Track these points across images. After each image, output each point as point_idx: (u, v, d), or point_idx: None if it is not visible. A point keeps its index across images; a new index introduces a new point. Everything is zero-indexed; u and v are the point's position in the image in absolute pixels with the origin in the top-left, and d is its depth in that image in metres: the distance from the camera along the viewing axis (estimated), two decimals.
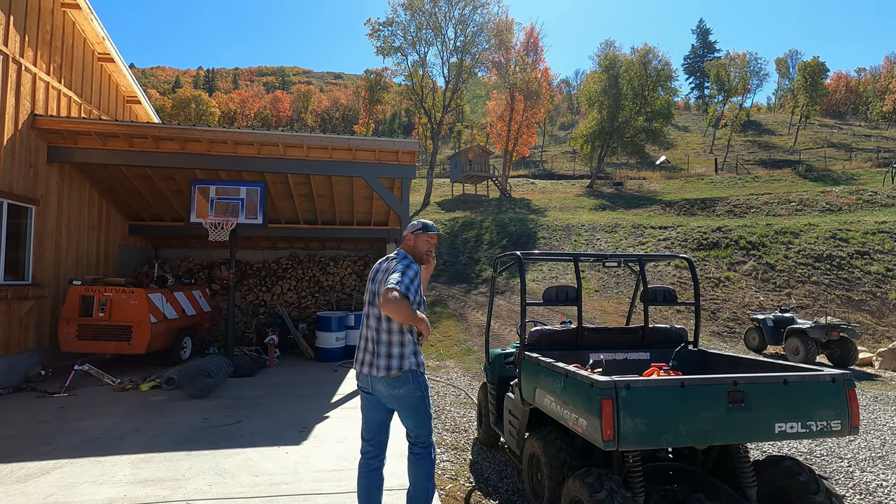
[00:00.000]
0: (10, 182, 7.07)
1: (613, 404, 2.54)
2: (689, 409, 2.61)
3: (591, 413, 2.63)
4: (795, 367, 3.13)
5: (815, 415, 2.73)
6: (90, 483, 3.82)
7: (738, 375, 2.74)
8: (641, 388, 2.60)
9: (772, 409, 2.69)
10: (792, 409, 2.71)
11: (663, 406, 2.59)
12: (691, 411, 2.61)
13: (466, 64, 36.03)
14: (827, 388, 2.80)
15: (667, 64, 36.87)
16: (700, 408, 2.62)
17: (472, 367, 8.84)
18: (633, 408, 2.55)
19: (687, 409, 2.61)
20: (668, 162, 45.61)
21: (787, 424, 2.68)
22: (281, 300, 11.47)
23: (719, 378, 2.73)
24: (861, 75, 77.97)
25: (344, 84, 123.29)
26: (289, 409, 6.00)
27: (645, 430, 2.55)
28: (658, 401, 2.60)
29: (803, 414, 2.72)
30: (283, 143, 8.24)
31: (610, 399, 2.54)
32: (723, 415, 2.62)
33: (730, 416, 2.63)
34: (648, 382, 2.64)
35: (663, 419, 2.58)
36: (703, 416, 2.61)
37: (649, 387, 2.62)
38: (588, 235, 19.69)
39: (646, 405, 2.57)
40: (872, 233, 15.71)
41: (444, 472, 4.29)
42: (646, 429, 2.55)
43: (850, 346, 9.71)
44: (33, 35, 7.53)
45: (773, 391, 2.73)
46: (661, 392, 2.62)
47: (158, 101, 69.64)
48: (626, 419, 2.52)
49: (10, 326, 7.09)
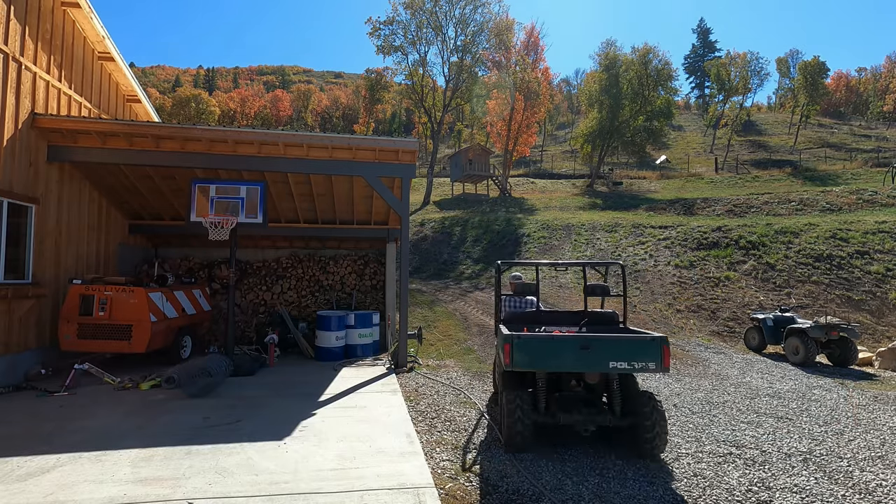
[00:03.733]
0: (10, 181, 7.06)
1: (511, 346, 4.47)
2: (557, 350, 4.51)
3: (502, 350, 4.65)
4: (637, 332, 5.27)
5: (637, 358, 4.42)
6: (90, 482, 3.82)
7: (592, 335, 4.70)
8: (526, 338, 4.55)
9: (608, 353, 4.43)
10: (622, 354, 4.43)
11: (539, 349, 4.52)
12: (557, 352, 4.50)
13: (467, 63, 36.00)
14: (647, 344, 4.46)
15: (667, 63, 36.82)
16: (563, 350, 4.50)
17: (472, 367, 8.84)
18: (521, 349, 4.47)
19: (555, 351, 4.51)
20: (667, 162, 45.62)
21: (618, 363, 4.42)
22: (281, 299, 11.46)
23: (577, 335, 4.67)
24: (861, 75, 77.95)
25: (344, 83, 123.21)
26: (289, 408, 6.00)
27: (528, 360, 4.49)
28: (536, 346, 4.53)
29: (629, 357, 4.42)
30: (283, 142, 8.24)
31: (509, 343, 4.48)
32: (576, 354, 4.46)
33: (581, 355, 4.46)
34: (531, 336, 4.61)
35: (539, 355, 4.52)
36: (564, 355, 4.49)
37: (530, 338, 4.57)
38: (588, 235, 19.69)
39: (529, 347, 4.50)
40: (872, 233, 15.71)
41: (444, 472, 4.29)
42: (529, 360, 4.49)
43: (849, 345, 9.71)
44: (33, 34, 7.52)
45: (610, 343, 4.50)
46: (538, 341, 4.58)
47: (158, 101, 69.61)
48: (517, 354, 4.46)
49: (11, 325, 7.09)
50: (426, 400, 6.61)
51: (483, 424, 5.60)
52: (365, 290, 11.94)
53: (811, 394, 7.61)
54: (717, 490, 4.08)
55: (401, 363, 8.44)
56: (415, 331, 10.25)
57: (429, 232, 22.99)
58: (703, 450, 5.00)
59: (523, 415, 4.57)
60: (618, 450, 4.85)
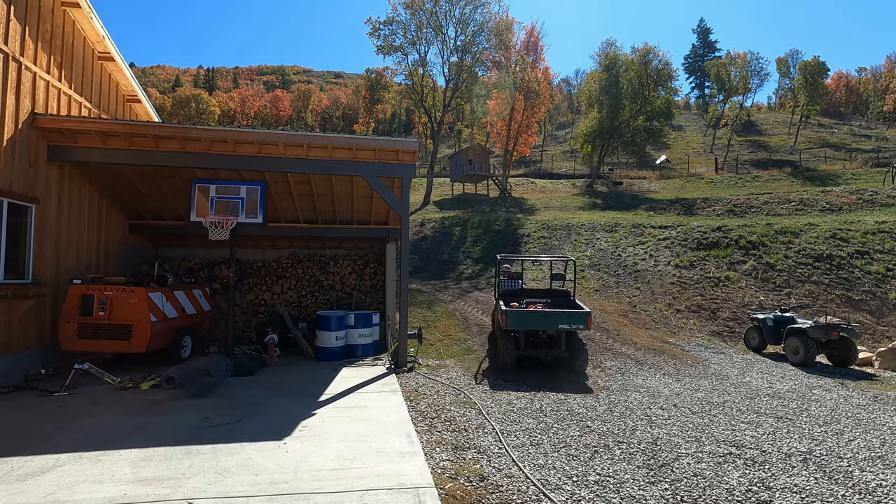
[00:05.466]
0: (11, 181, 7.06)
1: (506, 316, 8.34)
2: (530, 318, 8.54)
3: (500, 317, 8.56)
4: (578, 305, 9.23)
5: (574, 322, 8.31)
6: (90, 482, 3.82)
7: (549, 309, 8.86)
8: (514, 311, 8.61)
9: (558, 319, 8.39)
10: (565, 320, 8.37)
11: (521, 317, 8.51)
12: (530, 319, 8.53)
13: (467, 63, 35.97)
14: (580, 315, 8.39)
15: (667, 63, 36.76)
16: (534, 318, 8.54)
17: (472, 367, 8.85)
18: (511, 317, 8.36)
19: (529, 318, 8.54)
20: (667, 162, 45.60)
21: (563, 325, 8.34)
22: (281, 299, 11.46)
23: (540, 310, 8.86)
24: (862, 75, 77.86)
25: (344, 83, 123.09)
26: (289, 407, 6.00)
27: (515, 323, 8.36)
28: (519, 316, 8.51)
29: (569, 322, 8.33)
30: (283, 142, 8.24)
31: (505, 314, 8.36)
32: (541, 320, 8.47)
33: (544, 319, 8.46)
34: (517, 310, 8.74)
35: (521, 321, 8.46)
36: (534, 320, 8.51)
37: (516, 311, 8.65)
38: (588, 235, 19.68)
39: (516, 316, 8.43)
40: (872, 233, 15.71)
41: (444, 472, 4.29)
42: (515, 322, 8.36)
43: (849, 345, 9.70)
44: (33, 34, 7.52)
45: (559, 314, 8.49)
46: (521, 312, 8.65)
47: (158, 100, 69.60)
48: (509, 320, 8.33)
49: (11, 325, 7.09)
50: (426, 400, 6.61)
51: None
52: (365, 290, 11.94)
53: (811, 394, 7.61)
54: (717, 490, 4.08)
55: (401, 363, 8.44)
56: (415, 331, 10.25)
57: (429, 232, 22.98)
58: (703, 450, 5.00)
59: (511, 351, 8.53)
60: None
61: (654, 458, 4.74)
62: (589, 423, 5.84)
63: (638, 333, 11.93)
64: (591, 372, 8.82)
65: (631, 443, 5.17)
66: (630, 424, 5.81)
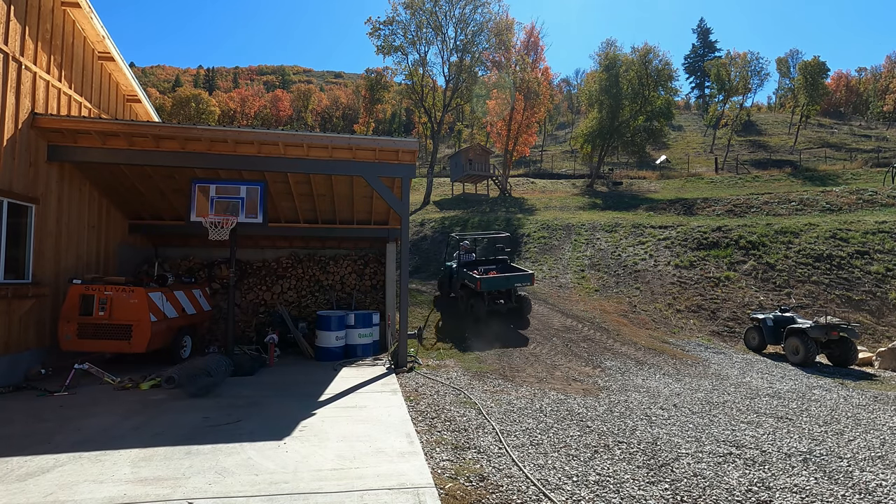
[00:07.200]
0: (11, 181, 7.06)
1: (482, 281, 11.71)
2: (495, 281, 12.06)
3: (473, 283, 11.93)
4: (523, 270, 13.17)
5: (523, 281, 12.28)
6: (90, 482, 3.82)
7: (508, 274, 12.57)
8: (486, 277, 11.98)
9: (514, 280, 12.22)
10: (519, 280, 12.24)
11: (490, 281, 11.89)
12: (496, 281, 12.07)
13: (467, 63, 35.95)
14: (527, 275, 12.43)
15: (667, 63, 36.72)
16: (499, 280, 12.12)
17: (472, 367, 8.84)
18: (485, 282, 11.75)
19: (495, 281, 12.06)
20: (667, 162, 45.59)
21: (518, 283, 12.30)
22: (281, 299, 11.46)
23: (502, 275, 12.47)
24: (862, 75, 77.86)
25: (344, 83, 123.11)
26: (289, 407, 6.00)
27: (486, 286, 11.76)
28: (489, 280, 11.90)
29: (521, 281, 12.25)
30: (283, 142, 8.24)
31: (480, 280, 11.70)
32: (503, 281, 12.16)
33: (504, 280, 12.17)
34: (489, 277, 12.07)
35: (490, 284, 11.88)
36: (499, 282, 12.11)
37: (487, 277, 12.02)
38: (588, 235, 19.68)
39: (488, 281, 11.82)
40: (872, 233, 15.71)
41: (444, 472, 4.29)
42: (487, 285, 11.77)
43: (849, 345, 9.71)
44: (34, 34, 7.52)
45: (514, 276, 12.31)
46: (491, 278, 12.01)
47: (158, 100, 69.59)
48: (483, 284, 11.68)
49: (11, 325, 7.09)
50: (426, 400, 6.61)
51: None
52: (365, 290, 11.94)
53: (811, 394, 7.61)
54: (717, 490, 4.08)
55: (401, 363, 8.44)
56: (415, 331, 10.25)
57: (429, 232, 22.98)
58: (703, 450, 5.00)
59: (483, 307, 11.82)
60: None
61: (654, 458, 4.74)
62: (589, 423, 5.84)
63: (638, 333, 11.94)
64: (591, 372, 8.82)
65: (631, 443, 5.17)
66: (630, 424, 5.81)
